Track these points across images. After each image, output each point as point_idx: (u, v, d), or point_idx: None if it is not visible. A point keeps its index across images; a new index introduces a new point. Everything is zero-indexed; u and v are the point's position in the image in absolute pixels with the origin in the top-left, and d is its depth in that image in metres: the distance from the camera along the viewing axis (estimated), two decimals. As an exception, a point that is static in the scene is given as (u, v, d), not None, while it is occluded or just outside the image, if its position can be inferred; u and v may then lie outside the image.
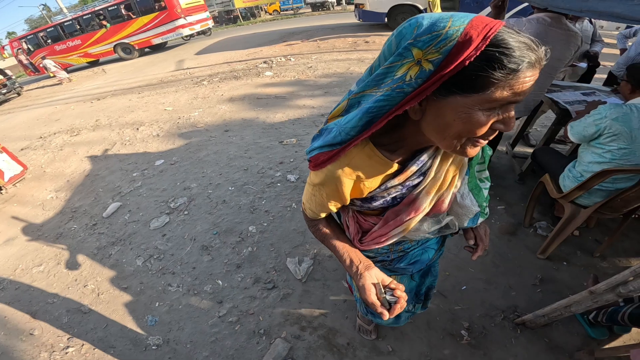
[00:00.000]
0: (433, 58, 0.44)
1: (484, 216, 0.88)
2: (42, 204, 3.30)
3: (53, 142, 4.97)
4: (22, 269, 2.44)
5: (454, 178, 0.72)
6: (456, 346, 1.52)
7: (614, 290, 1.16)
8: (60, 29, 13.08)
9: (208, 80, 6.82)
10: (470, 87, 0.45)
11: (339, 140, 0.58)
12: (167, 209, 2.78)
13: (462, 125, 0.49)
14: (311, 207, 0.77)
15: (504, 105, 0.48)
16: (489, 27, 0.42)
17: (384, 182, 0.67)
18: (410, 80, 0.47)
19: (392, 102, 0.50)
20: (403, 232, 0.76)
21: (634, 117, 1.38)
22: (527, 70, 0.43)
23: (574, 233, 2.03)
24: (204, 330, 1.74)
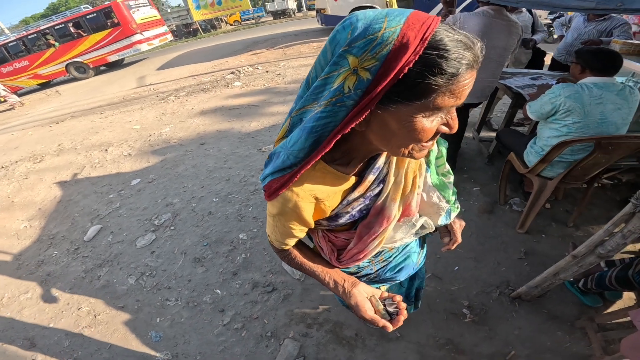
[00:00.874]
0: (370, 65, 0.41)
1: (456, 210, 0.87)
2: (16, 234, 3.13)
3: (16, 171, 4.67)
4: (8, 297, 2.33)
5: (415, 179, 0.71)
6: (461, 324, 1.62)
7: (594, 252, 1.24)
8: (5, 50, 12.18)
9: (175, 95, 6.70)
10: (411, 95, 0.42)
11: (288, 164, 0.54)
12: (152, 227, 2.75)
13: (407, 134, 0.47)
14: (277, 238, 0.71)
15: (447, 109, 0.47)
16: (426, 26, 0.39)
17: (345, 197, 0.65)
18: (350, 91, 0.43)
19: (336, 117, 0.46)
20: (379, 244, 0.74)
21: (584, 94, 1.57)
22: (466, 72, 0.41)
23: (546, 206, 2.22)
24: (211, 341, 1.77)
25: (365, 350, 1.59)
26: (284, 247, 0.75)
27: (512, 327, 1.58)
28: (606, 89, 1.58)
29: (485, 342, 1.55)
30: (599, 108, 1.58)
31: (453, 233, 0.90)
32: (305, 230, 0.69)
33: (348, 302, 0.72)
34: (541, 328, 1.56)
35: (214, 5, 17.51)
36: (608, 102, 1.57)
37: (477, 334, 1.58)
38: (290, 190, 0.58)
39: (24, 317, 2.14)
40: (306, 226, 0.67)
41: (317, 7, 9.67)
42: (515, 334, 1.55)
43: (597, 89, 1.58)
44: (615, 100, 1.57)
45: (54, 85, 13.16)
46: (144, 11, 12.38)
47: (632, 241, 1.18)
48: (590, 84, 1.61)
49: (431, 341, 1.58)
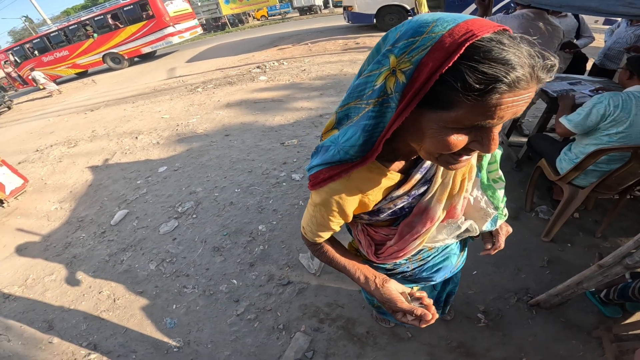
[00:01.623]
0: (405, 68, 0.39)
1: (503, 217, 0.83)
2: (46, 215, 3.30)
3: (51, 155, 4.94)
4: (33, 278, 2.44)
5: (463, 182, 0.68)
6: (475, 329, 1.57)
7: (621, 262, 1.19)
8: (47, 40, 12.97)
9: (202, 87, 6.85)
10: (438, 104, 0.40)
11: (337, 158, 0.55)
12: (175, 214, 2.81)
13: (432, 142, 0.45)
14: (312, 230, 0.71)
15: (479, 127, 0.42)
16: (469, 35, 0.35)
17: (389, 194, 0.64)
18: (391, 93, 0.42)
19: (384, 118, 0.46)
20: (421, 244, 0.73)
21: (632, 103, 1.48)
22: (505, 92, 0.36)
23: (574, 215, 2.11)
24: (224, 330, 1.78)
25: (375, 348, 1.55)
26: (317, 240, 0.74)
27: (526, 334, 1.52)
28: None
29: (497, 347, 1.49)
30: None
31: (497, 238, 0.86)
32: (341, 223, 0.69)
33: (379, 297, 0.70)
34: (557, 336, 1.49)
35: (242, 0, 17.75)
36: None
37: (490, 339, 1.53)
38: (338, 182, 0.58)
39: (46, 299, 2.23)
40: (345, 220, 0.67)
41: (344, 4, 9.55)
42: (530, 340, 1.49)
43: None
44: None
45: (90, 74, 13.85)
46: (177, 4, 12.75)
47: None
48: (638, 93, 1.51)
49: (443, 343, 1.53)
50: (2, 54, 13.61)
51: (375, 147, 0.50)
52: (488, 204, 0.77)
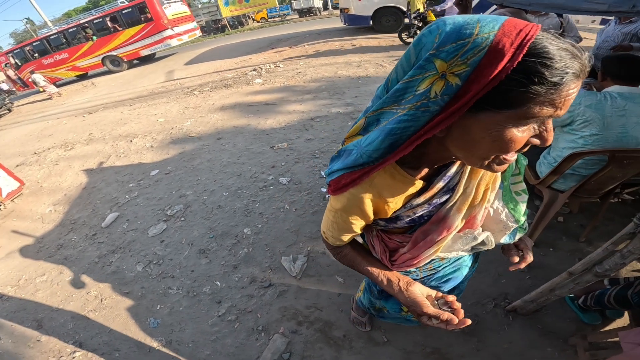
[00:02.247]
0: (460, 71, 0.39)
1: (522, 231, 0.80)
2: (41, 217, 3.37)
3: (48, 157, 5.02)
4: (25, 279, 2.51)
5: (486, 192, 0.67)
6: (451, 334, 1.58)
7: (591, 270, 1.19)
8: (47, 43, 13.10)
9: (199, 90, 6.91)
10: (504, 103, 0.40)
11: (360, 162, 0.55)
12: (164, 217, 2.87)
13: (492, 144, 0.45)
14: (333, 235, 0.71)
15: (540, 120, 0.43)
16: (525, 33, 0.37)
17: (409, 201, 0.64)
18: (436, 97, 0.42)
19: (417, 122, 0.45)
20: (434, 252, 0.72)
21: (607, 104, 1.45)
22: (572, 82, 0.38)
23: (559, 219, 2.11)
24: (205, 330, 1.83)
25: (351, 352, 1.59)
26: (339, 244, 0.75)
27: (502, 341, 1.53)
28: (632, 100, 1.45)
29: (472, 354, 1.51)
30: (621, 120, 1.44)
31: (525, 252, 0.81)
32: (363, 225, 0.69)
33: (404, 300, 0.70)
34: (532, 343, 1.50)
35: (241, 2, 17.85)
36: (632, 115, 1.43)
37: (465, 345, 1.54)
38: (359, 187, 0.59)
39: (37, 298, 2.29)
40: (367, 222, 0.67)
41: (341, 7, 9.62)
42: (505, 347, 1.50)
43: (621, 99, 1.45)
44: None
45: (90, 77, 13.95)
46: (175, 7, 12.86)
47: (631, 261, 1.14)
48: (614, 94, 1.48)
49: (418, 349, 1.55)
50: (3, 57, 13.77)
51: (402, 148, 0.49)
52: (508, 217, 0.74)
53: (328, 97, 4.93)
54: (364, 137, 0.54)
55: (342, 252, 0.78)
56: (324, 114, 4.36)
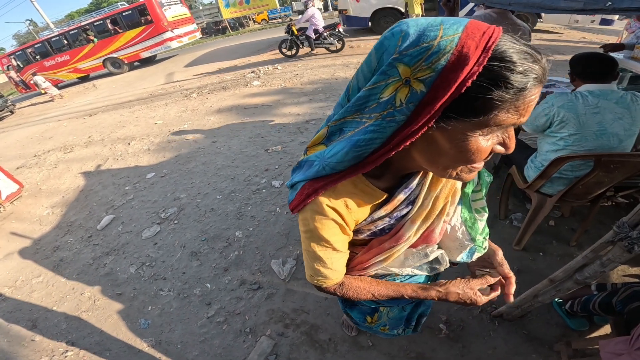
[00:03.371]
0: (424, 76, 0.37)
1: (482, 250, 0.76)
2: (39, 219, 3.42)
3: (47, 160, 5.08)
4: (22, 280, 2.57)
5: (445, 206, 0.65)
6: (435, 340, 1.60)
7: (572, 278, 1.17)
8: (48, 45, 13.15)
9: (197, 92, 6.97)
10: (469, 111, 0.38)
11: (322, 174, 0.52)
12: (158, 219, 2.91)
13: (459, 154, 0.43)
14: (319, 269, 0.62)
15: (507, 127, 0.42)
16: (488, 35, 0.36)
17: (371, 214, 0.61)
18: (401, 105, 0.40)
19: (384, 133, 0.43)
20: (384, 261, 0.69)
21: (579, 103, 1.46)
22: (534, 87, 0.37)
23: (550, 223, 2.11)
24: (194, 331, 1.87)
25: (336, 355, 1.62)
26: (332, 277, 0.65)
27: (486, 347, 1.54)
28: (603, 97, 1.46)
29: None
30: (596, 118, 1.46)
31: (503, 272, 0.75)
32: (346, 240, 0.63)
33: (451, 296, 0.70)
34: (517, 349, 1.51)
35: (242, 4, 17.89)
36: (606, 112, 1.45)
37: (449, 351, 1.55)
38: (323, 196, 0.54)
39: (32, 299, 2.35)
40: (346, 234, 0.61)
41: (340, 8, 9.65)
42: (489, 353, 1.52)
43: (592, 97, 1.47)
44: (615, 109, 1.45)
45: (92, 79, 14.05)
46: (175, 9, 12.92)
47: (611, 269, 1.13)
48: (585, 92, 1.49)
49: (402, 353, 1.57)
50: (5, 59, 13.85)
51: (369, 161, 0.48)
52: (465, 235, 0.72)
53: (324, 100, 4.97)
54: (328, 148, 0.51)
55: (347, 286, 0.70)
56: (320, 116, 4.40)
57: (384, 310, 1.04)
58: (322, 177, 0.53)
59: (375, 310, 1.04)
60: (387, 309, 1.03)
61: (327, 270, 0.63)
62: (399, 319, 1.04)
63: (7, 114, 10.74)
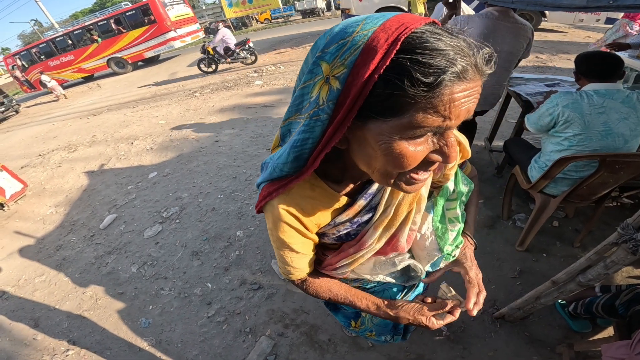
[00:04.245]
0: (339, 73, 0.36)
1: (449, 258, 0.75)
2: (42, 218, 3.45)
3: (51, 159, 5.12)
4: (25, 279, 2.58)
5: (410, 213, 0.63)
6: (435, 341, 1.58)
7: (575, 280, 1.16)
8: (53, 45, 13.23)
9: (200, 92, 6.99)
10: (384, 110, 0.36)
11: (275, 176, 0.53)
12: (160, 219, 2.92)
13: (384, 157, 0.40)
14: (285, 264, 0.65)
15: (436, 132, 0.39)
16: (404, 27, 0.34)
17: (333, 218, 0.61)
18: (324, 103, 0.38)
19: (313, 133, 0.42)
20: (350, 265, 0.69)
21: (584, 103, 1.43)
22: (454, 84, 0.33)
23: (553, 224, 2.08)
24: (194, 331, 1.87)
25: (335, 356, 1.61)
26: (295, 273, 0.67)
27: (487, 348, 1.53)
28: (609, 96, 1.44)
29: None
30: (602, 118, 1.43)
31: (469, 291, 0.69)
32: (307, 244, 0.64)
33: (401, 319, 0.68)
34: (518, 351, 1.49)
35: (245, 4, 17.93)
36: (612, 111, 1.43)
37: (449, 352, 1.54)
38: (277, 199, 0.55)
39: (35, 298, 2.36)
40: (306, 236, 0.61)
41: (342, 7, 9.62)
42: (490, 355, 1.50)
43: (598, 96, 1.44)
44: (620, 109, 1.42)
45: (96, 78, 14.14)
46: (178, 9, 12.93)
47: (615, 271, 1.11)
48: (590, 92, 1.47)
49: (402, 355, 1.56)
50: (10, 59, 13.92)
51: (310, 163, 0.46)
52: (433, 244, 0.70)
53: (326, 99, 4.95)
54: (278, 151, 0.52)
55: (308, 284, 0.71)
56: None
57: (366, 315, 1.02)
58: (276, 179, 0.53)
59: (359, 315, 1.03)
60: (369, 315, 1.02)
61: (289, 267, 0.65)
62: (384, 325, 1.02)
63: (12, 113, 10.84)
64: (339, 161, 0.53)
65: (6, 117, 10.66)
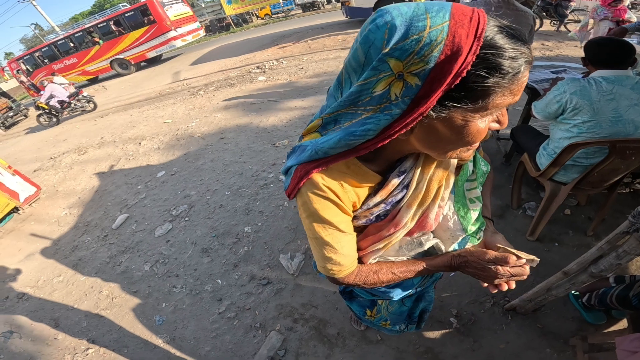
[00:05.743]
0: (418, 70, 0.38)
1: (475, 241, 0.73)
2: (57, 220, 3.54)
3: (63, 162, 5.22)
4: (43, 280, 2.66)
5: (439, 190, 0.62)
6: (445, 334, 1.57)
7: (587, 271, 1.13)
8: (55, 48, 13.26)
9: (204, 90, 7.01)
10: (467, 99, 0.39)
11: (315, 158, 0.53)
12: (170, 217, 2.97)
13: (459, 139, 0.45)
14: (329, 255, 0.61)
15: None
16: (476, 22, 0.36)
17: (365, 201, 0.61)
18: (397, 99, 0.41)
19: (377, 125, 0.44)
20: (383, 249, 0.67)
21: (592, 90, 1.42)
22: (526, 70, 0.39)
23: (565, 212, 2.04)
24: (206, 327, 1.91)
25: (344, 350, 1.63)
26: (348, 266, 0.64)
27: (498, 341, 1.51)
28: (618, 83, 1.41)
29: (466, 354, 1.50)
30: (611, 105, 1.41)
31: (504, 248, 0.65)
32: (349, 221, 0.62)
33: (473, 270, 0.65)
34: (530, 344, 1.47)
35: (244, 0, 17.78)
36: (622, 98, 1.40)
37: (459, 345, 1.53)
38: (316, 175, 0.54)
39: (53, 298, 2.43)
40: (347, 212, 0.59)
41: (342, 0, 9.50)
42: (501, 348, 1.49)
43: (607, 83, 1.42)
44: (631, 96, 1.40)
45: (101, 80, 14.26)
46: (177, 8, 12.88)
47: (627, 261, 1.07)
48: (599, 78, 1.45)
49: (411, 348, 1.56)
50: (14, 63, 13.90)
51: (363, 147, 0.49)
52: (456, 224, 0.69)
53: (330, 93, 4.92)
54: (323, 137, 0.53)
55: (362, 271, 0.67)
56: (325, 109, 4.36)
57: (383, 303, 1.03)
58: (314, 160, 0.54)
59: (374, 303, 1.04)
60: (385, 303, 1.02)
61: (338, 256, 0.61)
62: (399, 314, 1.03)
63: (21, 117, 11.04)
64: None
65: (16, 122, 10.87)
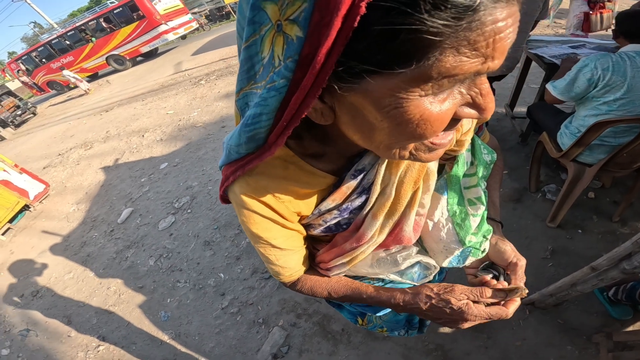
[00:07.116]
0: (295, 12, 0.24)
1: (478, 254, 0.57)
2: (66, 216, 3.57)
3: (70, 158, 5.27)
4: (55, 277, 2.70)
5: (416, 194, 0.49)
6: (456, 330, 1.45)
7: (618, 267, 1.02)
8: (50, 47, 13.18)
9: (205, 80, 6.89)
10: (386, 58, 0.24)
11: (232, 159, 0.43)
12: (173, 209, 2.95)
13: (397, 127, 0.29)
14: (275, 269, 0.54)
15: (467, 79, 0.27)
16: None
17: (317, 206, 0.50)
18: (280, 64, 0.27)
19: (267, 107, 0.30)
20: (346, 264, 0.56)
21: (626, 65, 1.31)
22: (498, 9, 0.22)
23: (589, 195, 1.89)
24: (210, 323, 1.89)
25: (349, 347, 1.57)
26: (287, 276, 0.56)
27: (514, 337, 1.40)
28: None
29: (479, 352, 1.40)
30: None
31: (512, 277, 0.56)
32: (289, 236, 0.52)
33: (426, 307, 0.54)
34: (550, 340, 1.36)
35: (242, -14, 17.24)
36: None
37: (472, 342, 1.43)
38: (236, 183, 0.45)
39: (65, 295, 2.46)
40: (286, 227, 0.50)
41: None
42: (517, 345, 1.38)
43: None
44: None
45: (101, 76, 14.25)
46: (166, 1, 12.58)
47: None
48: (631, 53, 1.32)
49: (420, 345, 1.48)
50: (14, 64, 13.95)
51: (271, 140, 0.35)
52: (450, 234, 0.54)
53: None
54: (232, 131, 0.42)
55: (302, 284, 0.59)
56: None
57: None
58: (233, 161, 0.43)
59: (364, 313, 0.94)
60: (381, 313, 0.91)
61: (276, 267, 0.54)
62: (395, 322, 0.93)
63: (30, 115, 11.20)
64: (316, 130, 0.40)
65: (25, 120, 11.03)
